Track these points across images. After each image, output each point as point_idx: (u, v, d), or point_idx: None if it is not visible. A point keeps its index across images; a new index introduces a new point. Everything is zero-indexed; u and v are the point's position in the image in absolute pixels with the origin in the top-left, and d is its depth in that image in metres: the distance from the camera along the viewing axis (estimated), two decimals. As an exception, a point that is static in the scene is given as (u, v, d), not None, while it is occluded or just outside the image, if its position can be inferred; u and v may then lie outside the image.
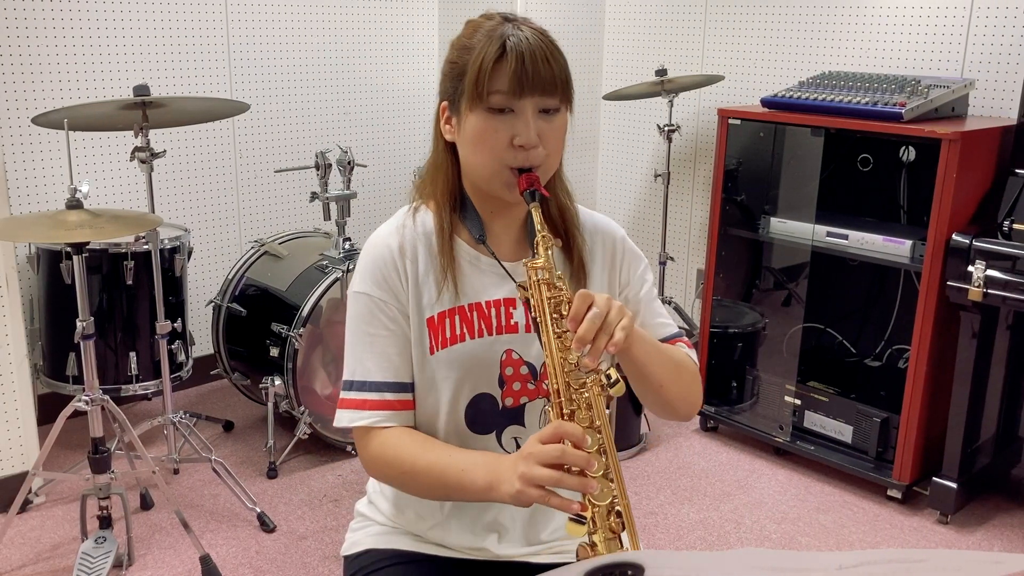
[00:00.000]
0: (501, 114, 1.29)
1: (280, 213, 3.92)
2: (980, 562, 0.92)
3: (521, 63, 1.26)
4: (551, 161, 1.34)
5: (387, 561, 1.46)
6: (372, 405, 1.37)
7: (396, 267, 1.38)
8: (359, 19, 3.99)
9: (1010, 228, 2.75)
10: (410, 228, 1.41)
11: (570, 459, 1.16)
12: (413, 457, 1.33)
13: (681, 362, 1.44)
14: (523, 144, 1.28)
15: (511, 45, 1.27)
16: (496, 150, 1.30)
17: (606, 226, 1.49)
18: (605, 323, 1.20)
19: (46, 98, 3.22)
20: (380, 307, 1.38)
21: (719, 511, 2.97)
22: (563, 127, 1.34)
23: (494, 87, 1.28)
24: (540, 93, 1.28)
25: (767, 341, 3.51)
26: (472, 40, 1.31)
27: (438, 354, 1.38)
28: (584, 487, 1.16)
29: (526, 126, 1.28)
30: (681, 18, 4.02)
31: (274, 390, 3.08)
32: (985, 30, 3.11)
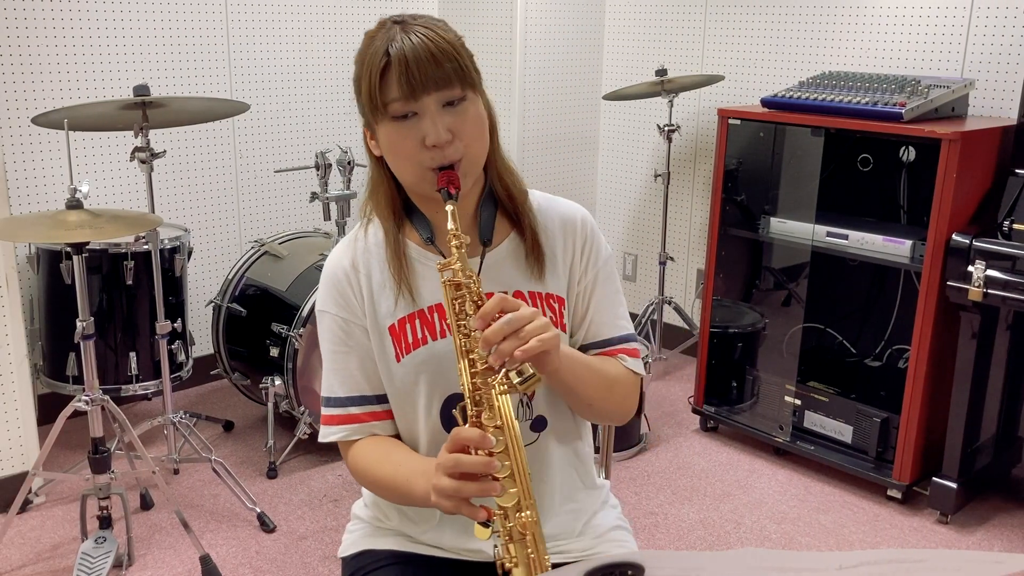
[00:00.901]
0: (406, 120, 1.28)
1: (280, 213, 3.92)
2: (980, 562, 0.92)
3: (405, 67, 1.24)
4: (473, 150, 1.31)
5: (383, 561, 1.46)
6: (338, 420, 1.42)
7: (350, 283, 1.40)
8: (359, 20, 3.99)
9: (1010, 228, 2.75)
10: (362, 241, 1.42)
11: (466, 466, 1.15)
12: (373, 469, 1.39)
13: (616, 379, 1.42)
14: (434, 143, 1.26)
15: (394, 51, 1.25)
16: (412, 156, 1.29)
17: (567, 209, 1.46)
18: (522, 330, 1.18)
19: (46, 98, 3.22)
20: (339, 324, 1.42)
21: (719, 511, 2.97)
22: (477, 114, 1.31)
23: (388, 97, 1.27)
24: (435, 89, 1.26)
25: (767, 341, 3.51)
26: (364, 54, 1.30)
27: (404, 360, 1.38)
28: (485, 491, 1.15)
29: (432, 125, 1.26)
30: (681, 18, 4.02)
31: (274, 390, 3.08)
32: (985, 30, 3.11)
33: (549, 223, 1.43)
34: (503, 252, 1.41)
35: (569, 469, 1.47)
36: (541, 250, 1.41)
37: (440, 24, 1.32)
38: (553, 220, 1.44)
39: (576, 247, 1.44)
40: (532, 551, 1.17)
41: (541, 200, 1.46)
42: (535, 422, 1.42)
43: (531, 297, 1.40)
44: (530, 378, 1.18)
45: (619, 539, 1.52)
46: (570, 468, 1.48)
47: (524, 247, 1.41)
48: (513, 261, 1.41)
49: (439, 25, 1.31)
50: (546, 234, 1.42)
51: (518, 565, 1.17)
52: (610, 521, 1.54)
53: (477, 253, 1.39)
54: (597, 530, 1.51)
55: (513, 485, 1.17)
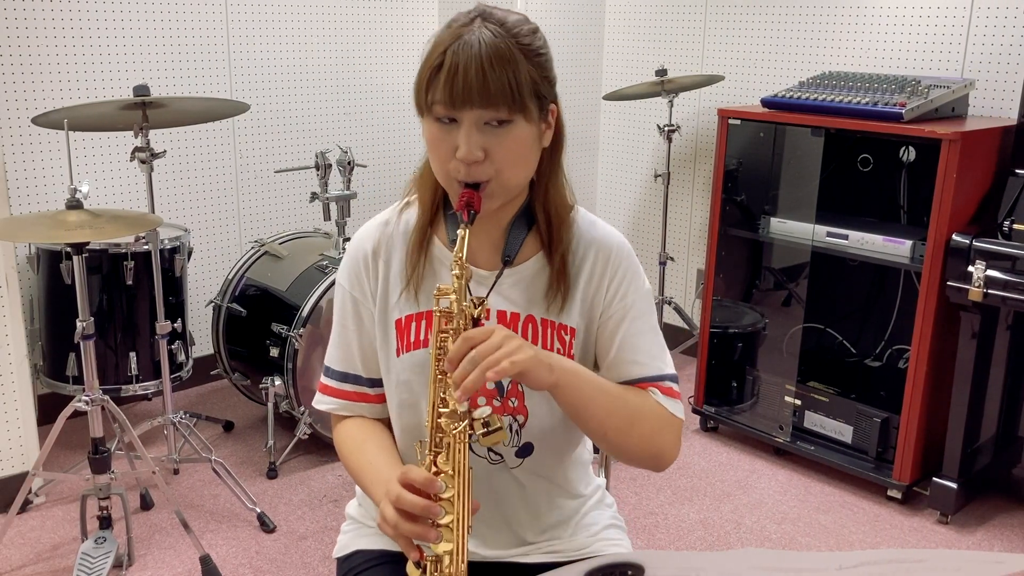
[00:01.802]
0: (446, 123, 1.23)
1: (280, 213, 3.92)
2: (980, 562, 0.92)
3: (454, 74, 1.18)
4: (505, 176, 1.25)
5: (375, 561, 1.46)
6: (331, 392, 1.44)
7: (368, 266, 1.39)
8: (359, 19, 3.99)
9: (1010, 228, 2.75)
10: (393, 225, 1.40)
11: (407, 505, 1.15)
12: (347, 456, 1.42)
13: (639, 410, 1.32)
14: (461, 158, 1.21)
15: (451, 52, 1.19)
16: (443, 160, 1.25)
17: (604, 238, 1.38)
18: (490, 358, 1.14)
19: (46, 98, 3.22)
20: (350, 301, 1.41)
21: (719, 511, 2.97)
22: (519, 140, 1.23)
23: (434, 97, 1.21)
24: (479, 106, 1.19)
25: (767, 341, 3.51)
26: (435, 40, 1.24)
27: (403, 357, 1.37)
28: (420, 535, 1.15)
29: (465, 140, 1.21)
30: (681, 18, 4.02)
31: (274, 390, 3.08)
32: (985, 30, 3.11)
33: (582, 245, 1.37)
34: (525, 272, 1.36)
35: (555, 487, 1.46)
36: (567, 283, 1.35)
37: (523, 34, 1.24)
38: (586, 241, 1.37)
39: (605, 279, 1.36)
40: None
41: (582, 222, 1.39)
42: (521, 449, 1.38)
43: (541, 324, 1.35)
44: (495, 431, 1.16)
45: (613, 538, 1.51)
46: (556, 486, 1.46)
47: (549, 274, 1.35)
48: (533, 284, 1.36)
49: (521, 36, 1.23)
50: (575, 257, 1.36)
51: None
52: (604, 520, 1.53)
53: (496, 268, 1.35)
54: (591, 529, 1.50)
55: (452, 536, 1.16)
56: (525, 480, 1.41)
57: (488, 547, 1.44)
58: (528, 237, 1.36)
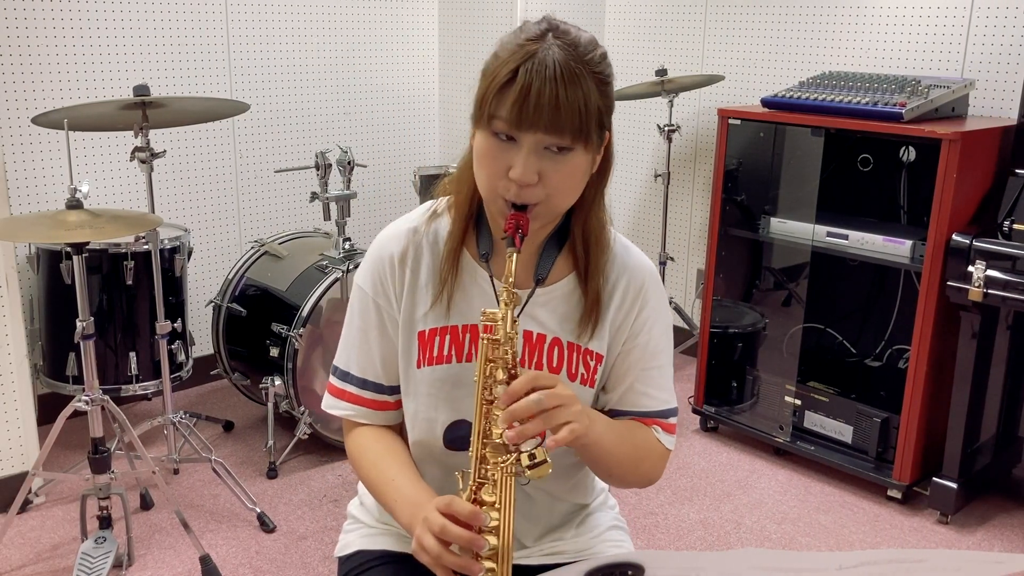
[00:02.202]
0: (503, 140, 1.19)
1: (280, 213, 3.92)
2: (980, 562, 0.92)
3: (526, 95, 1.14)
4: (555, 201, 1.23)
5: (376, 561, 1.46)
6: (350, 398, 1.41)
7: (394, 273, 1.35)
8: (359, 20, 3.99)
9: (1010, 228, 2.75)
10: (421, 233, 1.36)
11: (451, 537, 1.13)
12: (367, 467, 1.38)
13: (646, 452, 1.36)
14: (516, 180, 1.18)
15: (524, 71, 1.15)
16: (493, 177, 1.21)
17: (637, 266, 1.37)
18: (549, 414, 1.13)
19: (46, 98, 3.22)
20: (372, 307, 1.37)
21: (719, 511, 2.97)
22: (575, 168, 1.21)
23: (497, 112, 1.17)
24: (544, 131, 1.16)
25: (767, 341, 3.51)
26: (502, 48, 1.20)
27: (423, 370, 1.35)
28: (464, 568, 1.13)
29: (521, 163, 1.18)
30: (681, 18, 4.02)
31: (274, 390, 3.08)
32: (985, 30, 3.11)
33: (614, 273, 1.36)
34: (555, 293, 1.35)
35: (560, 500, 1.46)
36: (599, 310, 1.34)
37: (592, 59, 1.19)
38: (619, 271, 1.36)
39: (635, 308, 1.36)
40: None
41: (617, 247, 1.38)
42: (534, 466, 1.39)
43: (568, 348, 1.35)
44: (540, 463, 1.15)
45: (615, 539, 1.51)
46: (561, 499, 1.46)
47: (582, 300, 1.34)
48: (562, 306, 1.35)
49: (592, 60, 1.19)
50: (606, 284, 1.35)
51: None
52: (607, 521, 1.53)
53: (527, 286, 1.34)
54: (594, 530, 1.50)
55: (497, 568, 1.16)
56: (532, 494, 1.41)
57: None
58: (560, 257, 1.35)
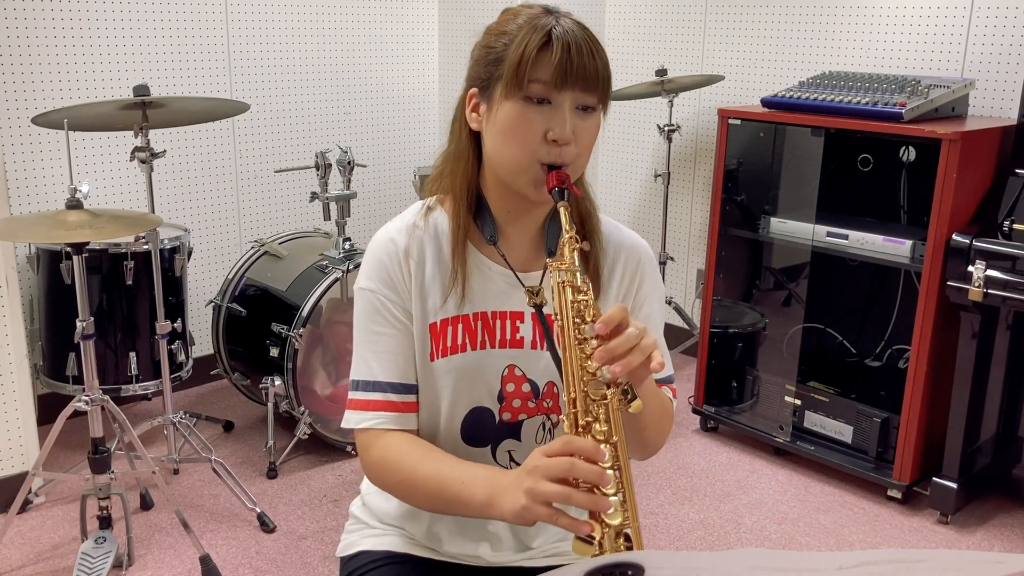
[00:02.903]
0: (538, 105, 1.23)
1: (280, 213, 3.92)
2: (980, 562, 0.92)
3: (567, 53, 1.21)
4: (581, 161, 1.29)
5: (380, 562, 1.45)
6: (376, 406, 1.34)
7: (401, 266, 1.34)
8: (359, 20, 3.99)
9: (1010, 228, 2.75)
10: (421, 229, 1.35)
11: (581, 473, 1.07)
12: (414, 465, 1.29)
13: (665, 408, 1.39)
14: (557, 139, 1.23)
15: (557, 34, 1.22)
16: (528, 142, 1.24)
17: (631, 242, 1.42)
18: (641, 345, 1.13)
19: (46, 98, 3.22)
20: (385, 304, 1.34)
21: (719, 511, 2.97)
22: (597, 128, 1.29)
23: (536, 75, 1.22)
24: (581, 88, 1.23)
25: (767, 341, 3.51)
26: (511, 26, 1.26)
27: (438, 362, 1.34)
28: (595, 505, 1.07)
29: (563, 120, 1.23)
30: (681, 18, 4.02)
31: (274, 390, 3.08)
32: (985, 30, 3.11)
33: (610, 249, 1.40)
34: None
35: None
36: (600, 277, 1.37)
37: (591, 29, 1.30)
38: (614, 245, 1.41)
39: (636, 281, 1.40)
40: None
41: (608, 226, 1.42)
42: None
43: None
44: (635, 399, 1.15)
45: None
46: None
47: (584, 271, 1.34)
48: None
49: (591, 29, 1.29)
50: (606, 259, 1.39)
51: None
52: None
53: (533, 265, 1.37)
54: None
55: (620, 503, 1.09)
56: None
57: (494, 552, 1.44)
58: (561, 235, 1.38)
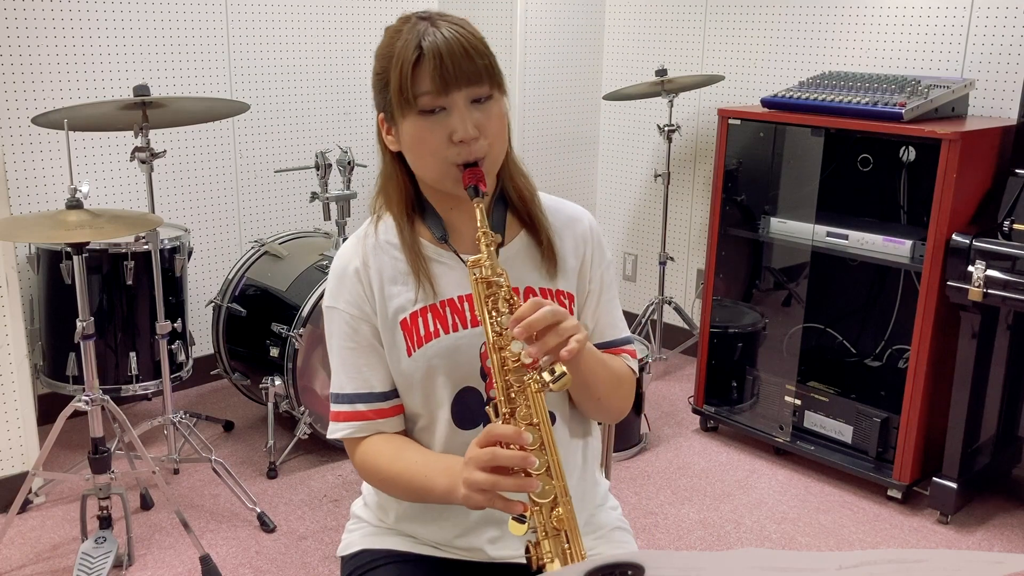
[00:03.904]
0: (433, 115, 1.28)
1: (280, 213, 3.92)
2: (980, 562, 0.92)
3: (440, 60, 1.25)
4: (495, 150, 1.33)
5: (381, 561, 1.46)
6: (346, 417, 1.41)
7: (360, 280, 1.40)
8: (359, 20, 3.98)
9: (1010, 228, 2.75)
10: (371, 238, 1.42)
11: (503, 460, 1.16)
12: (387, 463, 1.38)
13: (622, 376, 1.44)
14: (462, 139, 1.27)
15: (427, 45, 1.26)
16: (437, 151, 1.29)
17: (574, 212, 1.48)
18: (559, 328, 1.20)
19: (46, 98, 3.22)
20: (347, 320, 1.40)
21: (719, 511, 2.97)
22: (500, 113, 1.32)
23: (419, 90, 1.27)
24: (467, 85, 1.27)
25: (767, 341, 3.51)
26: (392, 47, 1.30)
27: (415, 354, 1.38)
28: (520, 487, 1.15)
29: (461, 121, 1.27)
30: (681, 18, 4.02)
31: (274, 390, 3.08)
32: (985, 30, 3.11)
33: (557, 224, 1.45)
34: (514, 250, 1.42)
35: (576, 466, 1.47)
36: (555, 249, 1.42)
37: (466, 22, 1.32)
38: (561, 219, 1.46)
39: (586, 251, 1.46)
40: (569, 546, 1.18)
41: (549, 201, 1.47)
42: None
43: (542, 293, 1.41)
44: (561, 377, 1.19)
45: (620, 540, 1.52)
46: (577, 465, 1.47)
47: (537, 246, 1.42)
48: (524, 259, 1.42)
49: (466, 22, 1.32)
50: (556, 234, 1.44)
51: (554, 560, 1.17)
52: (611, 521, 1.54)
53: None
54: (598, 530, 1.51)
55: (549, 481, 1.17)
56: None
57: (496, 546, 1.44)
58: (508, 219, 1.43)
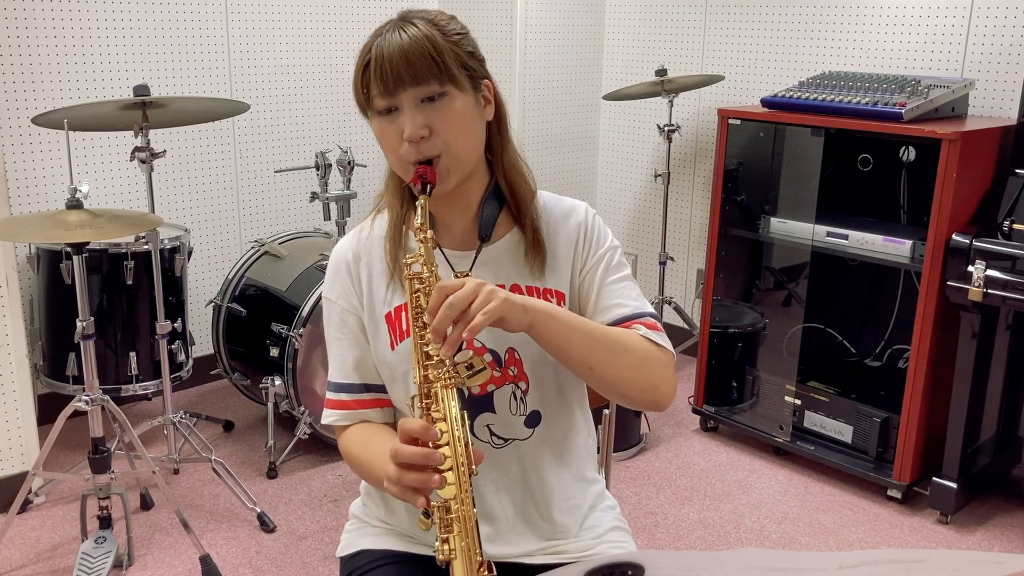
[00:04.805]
0: (389, 114, 1.31)
1: (280, 213, 3.92)
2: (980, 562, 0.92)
3: (381, 63, 1.27)
4: (454, 148, 1.31)
5: (380, 561, 1.47)
6: (332, 404, 1.46)
7: (350, 273, 1.43)
8: (359, 20, 3.99)
9: (1010, 228, 2.75)
10: (366, 231, 1.46)
11: (405, 456, 1.16)
12: (357, 452, 1.42)
13: (622, 343, 1.34)
14: (408, 138, 1.29)
15: (375, 49, 1.29)
16: (394, 149, 1.32)
17: (571, 207, 1.47)
18: (468, 311, 1.18)
19: (46, 98, 3.22)
20: (338, 312, 1.44)
21: (719, 511, 2.97)
22: (458, 110, 1.31)
23: (371, 92, 1.30)
24: (410, 84, 1.28)
25: (767, 341, 3.51)
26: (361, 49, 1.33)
27: (399, 347, 1.40)
28: (421, 483, 1.16)
29: (408, 120, 1.29)
30: (681, 18, 4.02)
31: (274, 390, 3.08)
32: (985, 30, 3.11)
33: (552, 219, 1.44)
34: (501, 248, 1.42)
35: (565, 467, 1.47)
36: (542, 246, 1.41)
37: (439, 20, 1.32)
38: (556, 216, 1.45)
39: (578, 239, 1.44)
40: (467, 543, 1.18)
41: (547, 199, 1.47)
42: (529, 418, 1.41)
43: (528, 291, 1.40)
44: (479, 372, 1.20)
45: (618, 540, 1.51)
46: (566, 465, 1.47)
47: (524, 243, 1.42)
48: (511, 257, 1.42)
49: (437, 21, 1.32)
50: (549, 231, 1.43)
51: (457, 558, 1.18)
52: (608, 522, 1.53)
53: (474, 247, 1.41)
54: (595, 531, 1.50)
55: (455, 479, 1.17)
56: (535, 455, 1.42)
57: (494, 545, 1.44)
58: (501, 216, 1.43)
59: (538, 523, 1.46)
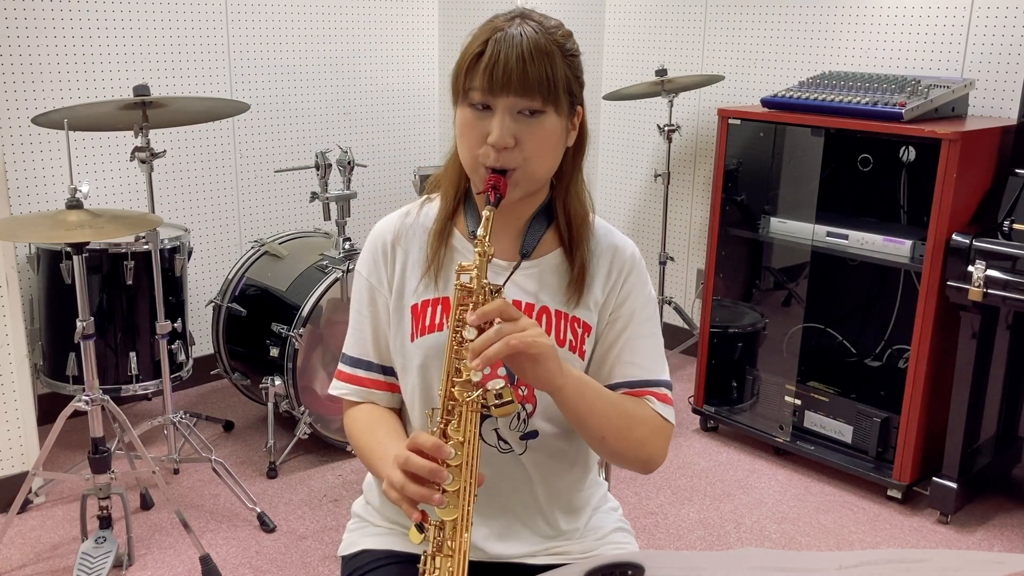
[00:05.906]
0: (480, 110, 1.28)
1: (280, 213, 3.92)
2: (980, 562, 0.92)
3: (495, 61, 1.24)
4: (532, 165, 1.30)
5: (382, 561, 1.46)
6: (344, 377, 1.46)
7: (387, 254, 1.43)
8: (359, 19, 3.99)
9: (1010, 228, 2.75)
10: (413, 217, 1.44)
11: (414, 467, 1.15)
12: (358, 435, 1.43)
13: (635, 416, 1.36)
14: (492, 143, 1.27)
15: (493, 41, 1.25)
16: (472, 146, 1.30)
17: (622, 243, 1.44)
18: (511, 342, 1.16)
19: (46, 98, 3.22)
20: (367, 288, 1.44)
21: (719, 511, 2.97)
22: (549, 131, 1.29)
23: (471, 83, 1.27)
24: (516, 93, 1.25)
25: (767, 341, 3.51)
26: (475, 33, 1.31)
27: (417, 341, 1.39)
28: (422, 497, 1.15)
29: (498, 125, 1.26)
30: (681, 18, 4.02)
31: (274, 390, 3.08)
32: (985, 30, 3.11)
33: (598, 248, 1.42)
34: (542, 266, 1.40)
35: (562, 474, 1.46)
36: (584, 278, 1.39)
37: (559, 34, 1.30)
38: (603, 246, 1.42)
39: (619, 280, 1.41)
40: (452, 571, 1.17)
41: (600, 227, 1.45)
42: (526, 434, 1.40)
43: (556, 316, 1.38)
44: (507, 403, 1.17)
45: (620, 541, 1.52)
46: (563, 473, 1.46)
47: (569, 271, 1.39)
48: (549, 277, 1.40)
49: (557, 37, 1.29)
50: (593, 259, 1.40)
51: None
52: (611, 523, 1.53)
53: (513, 259, 1.39)
54: (598, 532, 1.51)
55: (457, 503, 1.16)
56: (533, 465, 1.42)
57: (497, 544, 1.44)
58: (547, 234, 1.41)
59: (541, 524, 1.46)
